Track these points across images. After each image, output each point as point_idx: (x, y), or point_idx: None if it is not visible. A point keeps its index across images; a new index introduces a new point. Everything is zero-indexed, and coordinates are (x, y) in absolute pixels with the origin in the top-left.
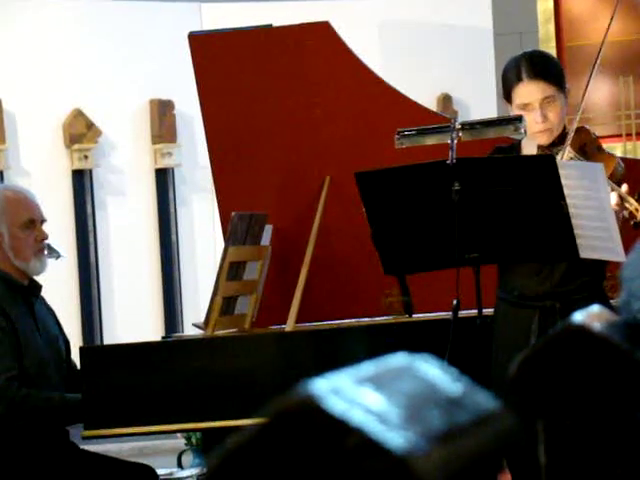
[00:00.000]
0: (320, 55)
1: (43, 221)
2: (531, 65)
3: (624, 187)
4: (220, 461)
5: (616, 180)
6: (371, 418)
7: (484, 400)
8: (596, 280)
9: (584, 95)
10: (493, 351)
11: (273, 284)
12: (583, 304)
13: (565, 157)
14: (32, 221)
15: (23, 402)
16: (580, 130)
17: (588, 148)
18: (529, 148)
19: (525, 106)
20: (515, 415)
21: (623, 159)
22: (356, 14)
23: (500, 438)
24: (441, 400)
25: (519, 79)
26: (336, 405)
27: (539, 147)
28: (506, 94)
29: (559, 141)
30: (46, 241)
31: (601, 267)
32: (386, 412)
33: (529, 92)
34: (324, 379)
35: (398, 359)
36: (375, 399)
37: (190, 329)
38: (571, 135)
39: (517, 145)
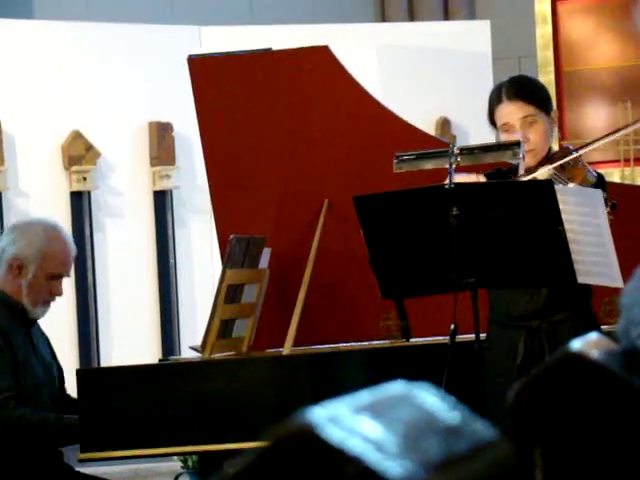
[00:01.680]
0: (319, 79)
1: (67, 276)
2: (511, 86)
3: None
4: None
5: (588, 186)
6: (369, 447)
7: (482, 428)
8: (582, 299)
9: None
10: (485, 373)
11: (271, 307)
12: (569, 324)
13: (543, 174)
14: (59, 276)
15: (18, 421)
16: (562, 150)
17: (567, 165)
18: (521, 170)
19: (505, 127)
20: (513, 443)
21: (620, 185)
22: (355, 38)
23: (498, 466)
24: (439, 428)
25: (499, 100)
26: (334, 434)
27: (526, 170)
28: (491, 119)
29: (545, 163)
30: None
31: (587, 286)
32: (384, 441)
33: (508, 112)
34: (322, 407)
35: (396, 387)
36: (373, 427)
37: (187, 352)
38: (560, 161)
39: (515, 169)
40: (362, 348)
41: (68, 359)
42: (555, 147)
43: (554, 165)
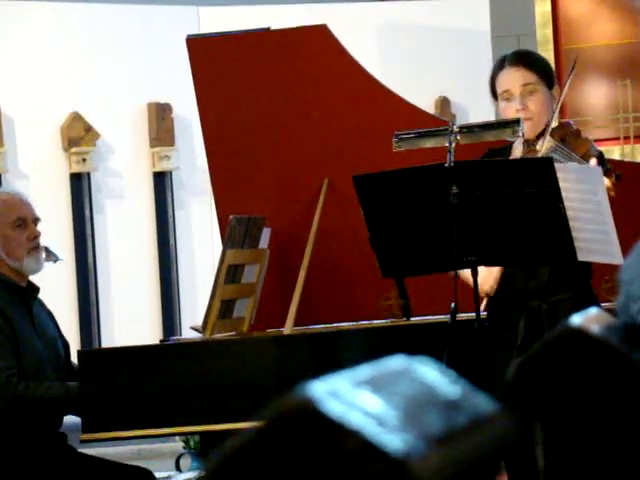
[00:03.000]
0: (318, 58)
1: (36, 220)
2: (514, 54)
3: (592, 161)
4: (218, 464)
5: (589, 160)
6: (369, 421)
7: (482, 403)
8: (583, 279)
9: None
10: (487, 353)
11: (271, 287)
12: (569, 304)
13: (545, 146)
14: (22, 219)
15: (24, 394)
16: (562, 125)
17: (568, 137)
18: (517, 145)
19: (506, 94)
20: (513, 418)
21: (620, 162)
22: (354, 17)
23: (498, 441)
24: (439, 403)
25: (501, 67)
26: (334, 408)
27: (524, 142)
28: (492, 89)
29: (543, 135)
30: (43, 242)
31: (587, 266)
32: (384, 415)
33: (510, 78)
34: (322, 382)
35: (396, 362)
36: (373, 402)
37: (188, 332)
38: (551, 125)
39: (509, 147)
40: (363, 327)
41: (69, 340)
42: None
43: (548, 132)
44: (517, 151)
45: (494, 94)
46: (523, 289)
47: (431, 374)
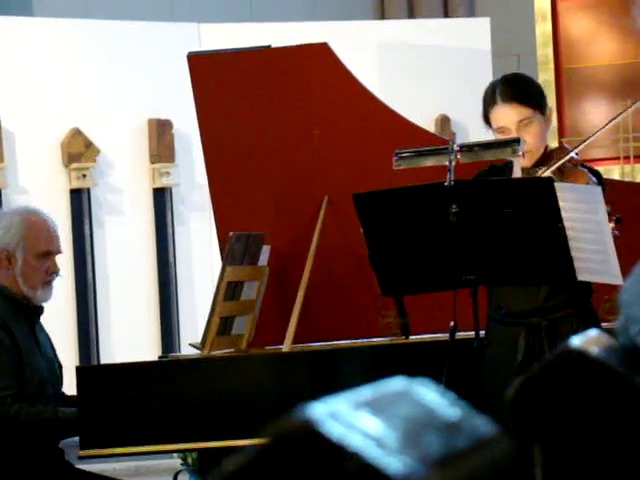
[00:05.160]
0: (318, 76)
1: (59, 253)
2: (506, 88)
3: None
4: None
5: None
6: (369, 442)
7: (482, 424)
8: (582, 296)
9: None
10: (485, 370)
11: (270, 304)
12: (569, 321)
13: (541, 175)
14: (49, 253)
15: (14, 417)
16: (559, 150)
17: (564, 167)
18: (516, 169)
19: (501, 129)
20: (513, 439)
21: (620, 182)
22: (355, 35)
23: (498, 462)
24: (439, 424)
25: (494, 102)
26: (334, 429)
27: (523, 170)
28: (485, 118)
29: (541, 162)
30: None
31: (587, 284)
32: (384, 436)
33: (504, 115)
34: (322, 403)
35: (396, 383)
36: (373, 423)
37: (187, 349)
38: (557, 162)
39: (511, 164)
40: (361, 345)
41: (68, 356)
42: (554, 144)
43: (551, 169)
44: (517, 173)
45: (488, 123)
46: (523, 307)
47: (431, 396)
